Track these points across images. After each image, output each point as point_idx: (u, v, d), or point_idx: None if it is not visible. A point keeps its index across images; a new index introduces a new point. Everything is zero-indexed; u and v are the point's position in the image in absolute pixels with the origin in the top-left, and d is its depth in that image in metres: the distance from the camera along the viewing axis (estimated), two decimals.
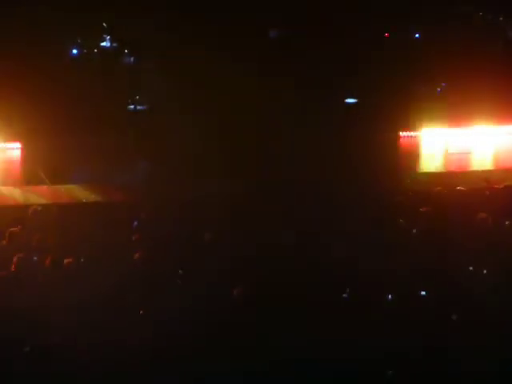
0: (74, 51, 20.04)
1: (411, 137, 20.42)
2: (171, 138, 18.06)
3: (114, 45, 20.21)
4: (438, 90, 21.33)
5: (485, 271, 11.08)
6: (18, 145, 18.36)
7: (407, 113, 20.22)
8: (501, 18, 21.97)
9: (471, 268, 11.15)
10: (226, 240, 11.90)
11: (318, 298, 10.11)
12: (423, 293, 10.58)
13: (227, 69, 18.94)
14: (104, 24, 20.12)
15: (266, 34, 20.75)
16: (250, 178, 16.07)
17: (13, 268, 10.48)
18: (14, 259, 10.55)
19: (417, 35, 21.84)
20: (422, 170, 18.32)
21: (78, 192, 15.72)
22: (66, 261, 10.60)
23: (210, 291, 10.04)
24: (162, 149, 17.72)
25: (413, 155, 19.41)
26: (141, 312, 9.82)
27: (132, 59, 20.32)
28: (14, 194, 15.51)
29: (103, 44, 20.21)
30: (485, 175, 16.24)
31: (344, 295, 10.47)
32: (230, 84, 18.91)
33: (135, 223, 12.60)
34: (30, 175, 16.56)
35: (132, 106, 20.19)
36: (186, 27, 19.35)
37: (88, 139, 17.71)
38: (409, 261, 11.07)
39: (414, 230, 12.26)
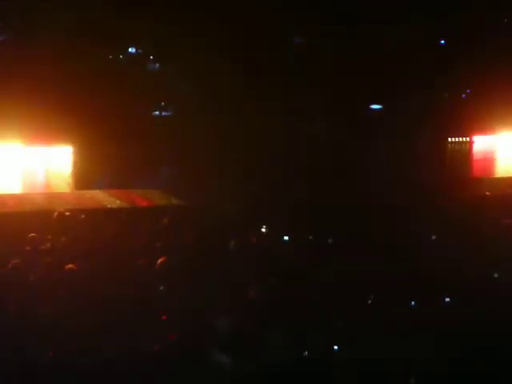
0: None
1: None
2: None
3: (140, 51, 20.13)
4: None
5: None
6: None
7: None
8: None
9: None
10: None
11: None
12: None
13: (255, 74, 18.91)
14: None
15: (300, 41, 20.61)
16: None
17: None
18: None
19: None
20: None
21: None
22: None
23: None
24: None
25: None
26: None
27: (157, 65, 20.24)
28: None
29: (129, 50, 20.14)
30: None
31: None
32: (257, 89, 18.88)
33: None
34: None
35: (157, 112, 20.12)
36: (211, 33, 19.26)
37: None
38: None
39: None
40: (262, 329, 9.29)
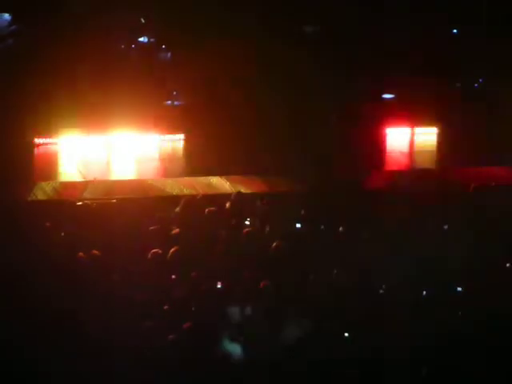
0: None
1: None
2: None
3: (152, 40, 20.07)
4: None
5: None
6: None
7: None
8: None
9: None
10: None
11: None
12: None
13: (267, 63, 18.89)
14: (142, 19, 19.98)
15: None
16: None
17: None
18: None
19: None
20: None
21: None
22: None
23: None
24: None
25: None
26: None
27: (169, 54, 20.18)
28: None
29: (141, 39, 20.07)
30: None
31: None
32: (268, 79, 18.85)
33: None
34: None
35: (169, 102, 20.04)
36: (225, 22, 19.23)
37: None
38: None
39: None
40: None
